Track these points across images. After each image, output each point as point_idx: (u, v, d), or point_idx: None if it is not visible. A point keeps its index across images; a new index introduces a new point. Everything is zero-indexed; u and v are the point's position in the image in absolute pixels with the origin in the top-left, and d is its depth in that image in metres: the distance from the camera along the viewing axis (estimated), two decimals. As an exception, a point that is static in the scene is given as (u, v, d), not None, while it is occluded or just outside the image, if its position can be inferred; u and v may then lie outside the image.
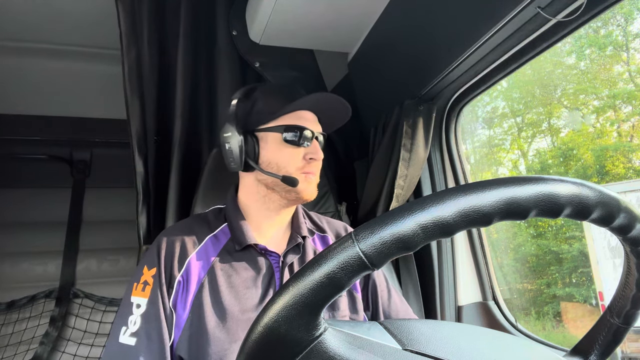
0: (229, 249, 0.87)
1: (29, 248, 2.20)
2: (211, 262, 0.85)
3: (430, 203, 0.33)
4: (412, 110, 1.19)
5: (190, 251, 0.85)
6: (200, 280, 0.82)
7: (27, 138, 2.20)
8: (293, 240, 0.90)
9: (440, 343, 0.41)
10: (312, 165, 0.88)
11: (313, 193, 0.88)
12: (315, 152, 0.87)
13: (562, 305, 2.89)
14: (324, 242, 0.98)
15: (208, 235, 0.88)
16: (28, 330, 2.11)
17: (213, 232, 0.89)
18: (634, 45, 3.10)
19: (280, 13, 1.23)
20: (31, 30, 1.63)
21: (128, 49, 1.21)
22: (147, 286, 0.80)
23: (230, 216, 0.91)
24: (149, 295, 0.79)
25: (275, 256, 0.87)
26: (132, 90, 1.21)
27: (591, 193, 0.36)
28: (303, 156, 0.87)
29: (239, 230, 0.88)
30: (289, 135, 0.86)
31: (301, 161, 0.87)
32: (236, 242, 0.87)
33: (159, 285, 0.80)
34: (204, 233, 0.89)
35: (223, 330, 0.78)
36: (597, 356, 0.49)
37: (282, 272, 0.86)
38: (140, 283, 0.82)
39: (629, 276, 0.44)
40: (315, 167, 0.89)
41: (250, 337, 0.35)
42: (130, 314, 0.78)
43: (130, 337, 0.76)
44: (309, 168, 0.87)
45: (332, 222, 1.04)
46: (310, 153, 0.87)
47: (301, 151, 0.87)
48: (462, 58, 0.99)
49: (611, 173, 3.00)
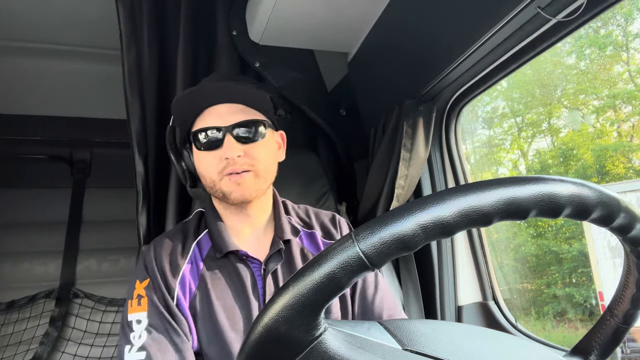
0: (212, 256, 0.84)
1: (29, 248, 2.20)
2: (200, 271, 0.82)
3: (430, 203, 0.33)
4: (412, 110, 1.19)
5: (181, 261, 0.82)
6: (192, 292, 0.81)
7: (27, 138, 2.20)
8: (275, 245, 0.85)
9: (440, 343, 0.41)
10: (233, 164, 0.79)
11: (244, 193, 0.80)
12: (225, 152, 0.79)
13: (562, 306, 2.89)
14: (312, 239, 0.92)
15: (193, 243, 0.86)
16: (28, 330, 2.11)
17: (197, 239, 0.87)
18: (634, 45, 3.10)
19: (280, 13, 1.22)
20: (31, 30, 1.63)
21: (128, 49, 1.21)
22: (142, 299, 0.78)
23: (209, 221, 0.88)
24: (147, 307, 0.77)
25: (257, 263, 0.84)
26: (132, 90, 1.21)
27: (591, 193, 0.36)
28: (219, 159, 0.80)
29: (218, 236, 0.84)
30: (197, 142, 0.82)
31: (219, 164, 0.80)
32: (217, 250, 0.83)
33: (155, 294, 0.78)
34: (190, 241, 0.86)
35: (216, 345, 0.77)
36: (597, 356, 0.49)
37: (264, 281, 0.83)
38: (134, 299, 0.78)
39: (629, 276, 0.44)
40: (240, 165, 0.79)
41: (250, 337, 0.35)
42: (132, 332, 0.75)
43: (138, 353, 0.73)
44: (231, 168, 0.79)
45: (319, 213, 0.98)
46: (223, 153, 0.79)
47: (215, 153, 0.80)
48: (462, 58, 0.99)
49: (611, 173, 3.00)
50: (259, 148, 0.82)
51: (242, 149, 0.80)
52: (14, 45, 1.70)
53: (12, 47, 1.71)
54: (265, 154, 0.83)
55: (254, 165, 0.81)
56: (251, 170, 0.81)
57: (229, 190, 0.80)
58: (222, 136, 0.80)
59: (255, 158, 0.81)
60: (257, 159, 0.81)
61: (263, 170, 0.83)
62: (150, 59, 1.26)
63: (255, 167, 0.81)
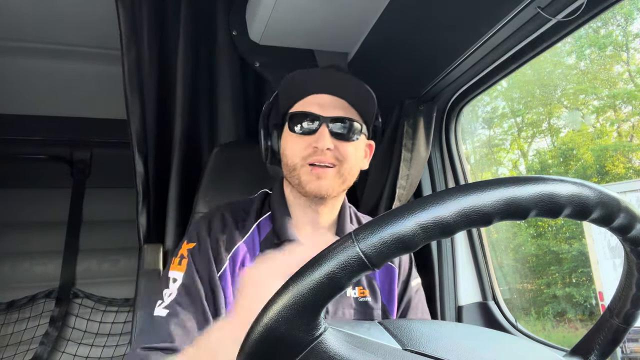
0: (270, 239, 0.84)
1: (29, 248, 2.20)
2: (257, 253, 0.82)
3: (430, 203, 0.33)
4: (413, 110, 1.19)
5: (238, 237, 0.82)
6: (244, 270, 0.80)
7: (27, 138, 2.20)
8: None
9: (440, 343, 0.41)
10: (319, 155, 0.79)
11: (321, 188, 0.79)
12: (317, 140, 0.78)
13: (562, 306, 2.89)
14: None
15: (254, 224, 0.85)
16: (28, 330, 2.11)
17: (258, 221, 0.86)
18: (634, 45, 3.10)
19: (280, 13, 1.22)
20: (31, 30, 1.63)
21: (128, 49, 1.21)
22: (184, 260, 0.79)
23: (274, 206, 0.87)
24: (185, 268, 0.78)
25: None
26: (132, 90, 1.21)
27: (591, 193, 0.36)
28: (307, 145, 0.80)
29: (280, 221, 0.84)
30: (291, 123, 0.82)
31: (305, 150, 0.79)
32: (275, 235, 0.83)
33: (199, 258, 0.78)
34: (250, 220, 0.86)
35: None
36: (597, 356, 0.49)
37: None
38: (177, 257, 0.80)
39: (629, 276, 0.44)
40: (327, 157, 0.79)
41: (251, 337, 0.35)
42: (166, 288, 0.77)
43: (164, 309, 0.74)
44: (314, 158, 0.79)
45: None
46: (314, 141, 0.79)
47: (306, 139, 0.80)
48: (462, 58, 0.99)
49: (611, 173, 3.00)
50: (349, 147, 0.81)
51: (334, 143, 0.79)
52: (14, 45, 1.70)
53: (12, 47, 1.71)
54: (354, 155, 0.83)
55: (340, 162, 0.81)
56: (336, 166, 0.80)
57: (307, 180, 0.79)
58: (319, 125, 0.79)
59: (344, 155, 0.81)
60: (345, 156, 0.81)
61: (346, 170, 0.82)
62: (150, 59, 1.26)
63: (341, 165, 0.81)
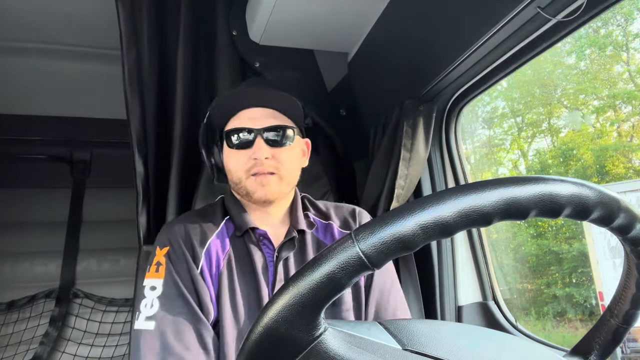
0: (235, 235, 0.88)
1: (29, 248, 2.20)
2: (227, 248, 0.85)
3: (430, 203, 0.33)
4: (412, 110, 1.19)
5: (209, 233, 0.85)
6: (220, 266, 0.83)
7: (27, 138, 2.20)
8: (289, 234, 0.89)
9: (440, 343, 0.41)
10: (259, 166, 0.84)
11: (267, 194, 0.85)
12: (254, 152, 0.83)
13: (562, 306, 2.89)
14: (328, 230, 0.95)
15: (223, 221, 0.89)
16: (28, 330, 2.11)
17: (225, 218, 0.90)
18: (634, 45, 3.10)
19: (280, 13, 1.23)
20: (31, 30, 1.63)
21: (128, 49, 1.21)
22: (161, 266, 0.79)
23: (230, 206, 0.92)
24: (164, 275, 0.78)
25: (271, 250, 0.87)
26: (132, 90, 1.21)
27: (591, 193, 0.36)
28: (248, 158, 0.85)
29: (239, 218, 0.88)
30: (229, 140, 0.87)
31: (247, 164, 0.85)
32: (237, 228, 0.87)
33: (176, 258, 0.80)
34: (218, 217, 0.90)
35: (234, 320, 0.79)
36: (597, 356, 0.49)
37: (275, 268, 0.85)
38: (153, 265, 0.80)
39: (629, 276, 0.44)
40: (266, 166, 0.84)
41: (250, 337, 0.35)
42: (143, 298, 0.77)
43: (147, 322, 0.73)
44: (256, 169, 0.84)
45: (341, 207, 1.01)
46: (252, 154, 0.84)
47: (245, 153, 0.85)
48: (462, 58, 0.99)
49: (611, 173, 3.00)
50: (286, 152, 0.87)
51: (271, 152, 0.84)
52: (14, 45, 1.70)
53: (12, 47, 1.71)
54: (291, 158, 0.88)
55: (279, 168, 0.85)
56: (276, 173, 0.85)
57: (253, 190, 0.85)
58: (254, 138, 0.84)
59: (281, 162, 0.86)
60: (282, 162, 0.86)
61: (287, 174, 0.87)
62: (150, 59, 1.26)
63: (280, 171, 0.86)
